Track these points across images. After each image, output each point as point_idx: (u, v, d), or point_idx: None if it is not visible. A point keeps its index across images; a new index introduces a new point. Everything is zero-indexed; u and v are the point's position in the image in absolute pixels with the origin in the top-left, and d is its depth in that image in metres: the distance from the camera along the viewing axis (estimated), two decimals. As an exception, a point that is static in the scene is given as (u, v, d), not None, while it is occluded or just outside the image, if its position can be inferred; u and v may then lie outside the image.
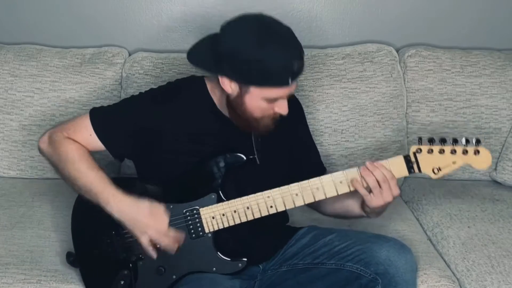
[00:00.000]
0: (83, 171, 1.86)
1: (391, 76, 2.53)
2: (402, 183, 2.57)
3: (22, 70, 2.49)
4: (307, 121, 2.19)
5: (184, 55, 2.51)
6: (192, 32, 2.66)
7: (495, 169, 2.55)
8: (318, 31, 2.66)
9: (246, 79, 1.78)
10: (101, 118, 1.93)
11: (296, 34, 1.84)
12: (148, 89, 2.02)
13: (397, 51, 2.63)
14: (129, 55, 2.59)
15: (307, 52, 2.53)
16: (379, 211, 1.90)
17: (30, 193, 2.38)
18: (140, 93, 2.00)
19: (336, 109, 2.47)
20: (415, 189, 2.51)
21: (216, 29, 2.61)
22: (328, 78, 2.49)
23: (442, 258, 2.13)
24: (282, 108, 1.83)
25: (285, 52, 1.75)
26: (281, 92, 1.79)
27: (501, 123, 2.54)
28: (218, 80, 1.84)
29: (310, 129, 2.19)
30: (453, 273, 2.05)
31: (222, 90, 1.85)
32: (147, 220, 1.81)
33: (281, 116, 1.85)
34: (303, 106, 2.18)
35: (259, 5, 2.63)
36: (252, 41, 1.75)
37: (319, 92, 2.47)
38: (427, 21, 2.70)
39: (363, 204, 1.90)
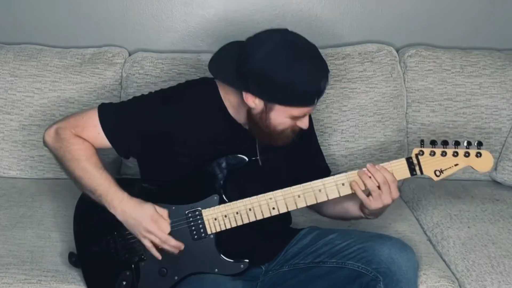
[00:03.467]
0: (90, 171, 1.85)
1: (391, 76, 2.52)
2: (402, 183, 2.57)
3: (22, 70, 2.48)
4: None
5: (184, 55, 2.54)
6: (192, 32, 2.66)
7: (495, 169, 2.55)
8: (318, 31, 2.66)
9: (273, 99, 1.78)
10: (110, 117, 1.90)
11: (296, 34, 1.84)
12: (148, 89, 2.02)
13: (397, 51, 2.63)
14: (129, 55, 2.59)
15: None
16: (378, 212, 1.90)
17: (30, 193, 2.38)
18: (150, 93, 1.98)
19: (336, 109, 2.47)
20: (415, 189, 2.51)
21: (216, 30, 2.64)
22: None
23: (442, 258, 2.13)
24: (304, 123, 1.85)
25: (314, 73, 1.76)
26: (306, 110, 1.81)
27: (501, 123, 2.54)
28: (237, 90, 1.83)
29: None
30: (453, 273, 2.05)
31: (241, 101, 1.83)
32: (149, 225, 1.81)
33: (301, 129, 1.86)
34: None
35: (260, 5, 2.64)
36: (281, 62, 1.73)
37: (319, 92, 2.47)
38: (427, 21, 2.70)
39: (362, 205, 1.90)
